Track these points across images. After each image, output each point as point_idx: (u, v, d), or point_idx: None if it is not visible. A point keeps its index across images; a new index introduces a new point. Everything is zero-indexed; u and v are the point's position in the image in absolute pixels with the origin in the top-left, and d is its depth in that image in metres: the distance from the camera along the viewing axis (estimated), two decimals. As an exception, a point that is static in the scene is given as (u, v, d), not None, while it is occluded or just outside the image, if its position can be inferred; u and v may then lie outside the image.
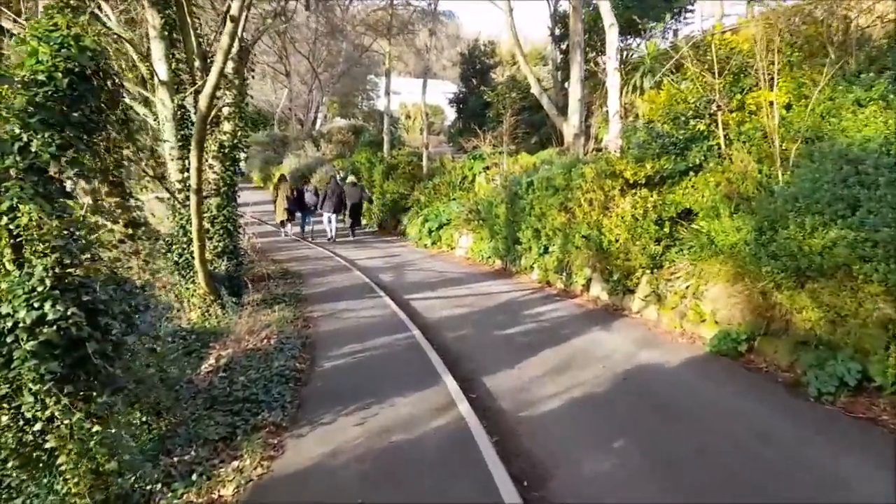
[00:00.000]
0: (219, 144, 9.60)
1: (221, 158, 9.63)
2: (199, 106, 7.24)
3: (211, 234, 9.59)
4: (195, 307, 9.73)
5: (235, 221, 9.92)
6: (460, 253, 17.42)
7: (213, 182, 9.60)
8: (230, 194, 9.78)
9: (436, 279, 14.02)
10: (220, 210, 9.60)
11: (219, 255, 9.63)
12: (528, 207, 14.05)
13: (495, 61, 30.54)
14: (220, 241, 9.59)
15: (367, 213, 22.68)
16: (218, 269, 9.62)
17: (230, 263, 9.73)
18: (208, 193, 9.63)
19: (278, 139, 35.14)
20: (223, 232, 9.63)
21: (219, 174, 9.62)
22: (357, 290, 12.28)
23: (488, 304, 11.44)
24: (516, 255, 14.62)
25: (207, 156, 9.68)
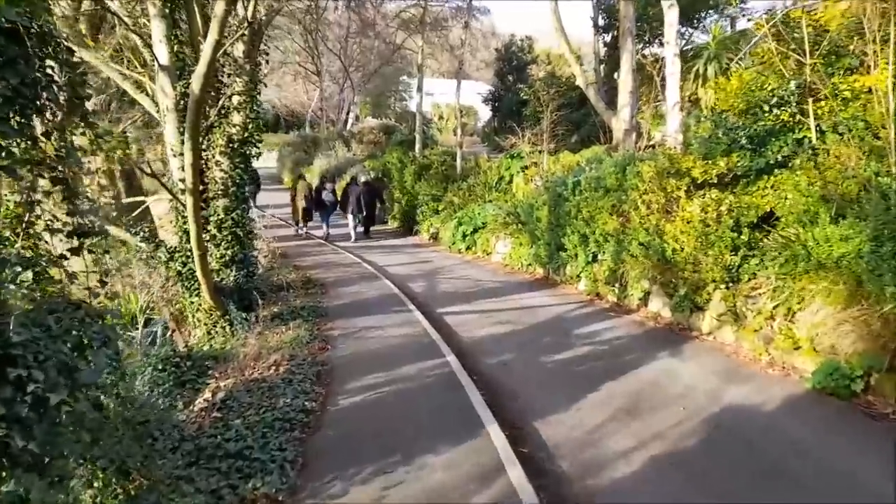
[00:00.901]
0: (227, 138, 8.29)
1: (230, 154, 8.32)
2: (192, 88, 5.90)
3: (218, 241, 8.28)
4: (200, 323, 8.43)
5: (246, 226, 8.60)
6: (497, 259, 15.90)
7: (220, 181, 8.29)
8: (240, 195, 8.46)
9: (471, 289, 12.53)
10: (229, 213, 8.29)
11: (226, 265, 8.32)
12: (573, 210, 12.49)
13: (532, 57, 28.95)
14: (227, 249, 8.28)
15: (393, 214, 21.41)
16: (225, 281, 8.31)
17: (239, 274, 8.40)
18: (215, 194, 8.32)
19: (309, 140, 34.06)
20: (231, 238, 8.31)
21: (227, 172, 8.31)
22: (385, 303, 10.86)
23: (532, 321, 9.91)
24: (560, 262, 13.06)
25: (213, 151, 8.37)
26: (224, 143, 8.30)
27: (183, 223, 8.34)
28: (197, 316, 8.35)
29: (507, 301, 11.43)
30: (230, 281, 8.30)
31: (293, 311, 9.68)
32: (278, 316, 9.33)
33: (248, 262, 8.64)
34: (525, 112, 23.89)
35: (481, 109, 45.36)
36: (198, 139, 6.23)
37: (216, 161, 8.29)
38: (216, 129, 8.31)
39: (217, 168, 8.28)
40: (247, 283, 8.51)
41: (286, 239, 18.32)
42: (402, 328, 9.08)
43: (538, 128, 17.95)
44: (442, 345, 8.22)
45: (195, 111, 6.05)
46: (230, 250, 8.29)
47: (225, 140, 8.30)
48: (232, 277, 8.31)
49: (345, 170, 26.65)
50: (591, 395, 6.57)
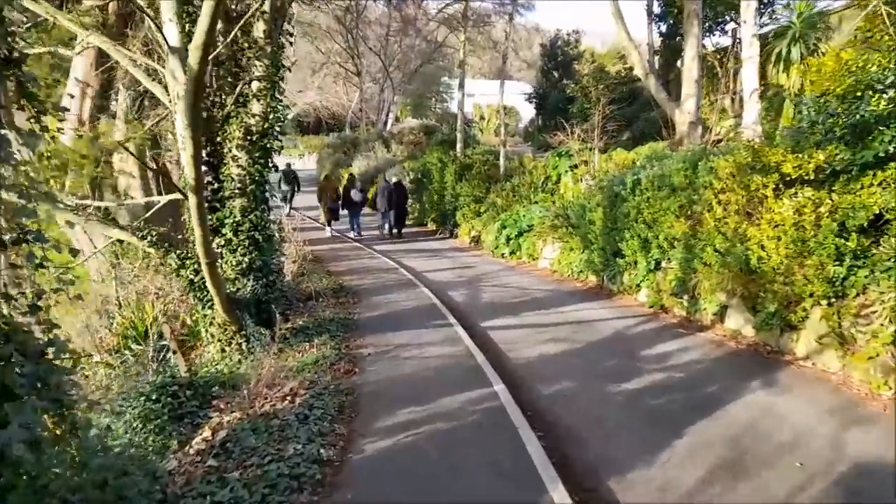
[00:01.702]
0: (244, 129, 7.20)
1: (248, 148, 7.23)
2: (190, 62, 4.78)
3: (233, 247, 7.19)
4: (213, 339, 7.35)
5: (267, 229, 7.48)
6: (544, 265, 14.53)
7: (238, 178, 7.20)
8: (259, 194, 7.35)
9: (517, 299, 11.21)
10: (246, 215, 7.20)
11: (243, 274, 7.22)
12: (633, 212, 11.08)
13: (579, 52, 27.39)
14: (244, 256, 7.18)
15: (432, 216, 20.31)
16: (242, 292, 7.20)
17: (258, 284, 7.29)
18: (231, 193, 7.23)
19: (349, 141, 33.21)
20: (249, 243, 7.21)
21: (245, 168, 7.22)
22: (422, 315, 9.63)
23: (590, 338, 8.55)
24: (616, 270, 11.64)
25: (230, 144, 7.28)
26: (241, 135, 7.20)
27: (194, 226, 7.28)
28: (210, 331, 7.28)
29: (559, 314, 10.09)
30: (247, 292, 7.20)
31: (320, 325, 8.54)
32: (303, 330, 8.19)
33: (269, 271, 7.53)
34: (571, 109, 22.43)
35: (523, 110, 43.91)
36: (199, 126, 5.11)
37: (233, 156, 7.20)
38: (233, 120, 7.23)
39: (233, 163, 7.19)
40: (266, 294, 7.40)
41: (320, 242, 17.30)
42: (441, 346, 7.83)
43: (588, 124, 16.50)
44: (488, 369, 6.93)
45: (194, 92, 4.93)
46: (247, 257, 7.19)
47: (242, 132, 7.20)
48: (249, 288, 7.21)
49: (384, 171, 25.62)
50: (677, 441, 5.19)
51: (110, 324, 9.00)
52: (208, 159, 7.20)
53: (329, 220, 19.44)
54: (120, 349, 8.38)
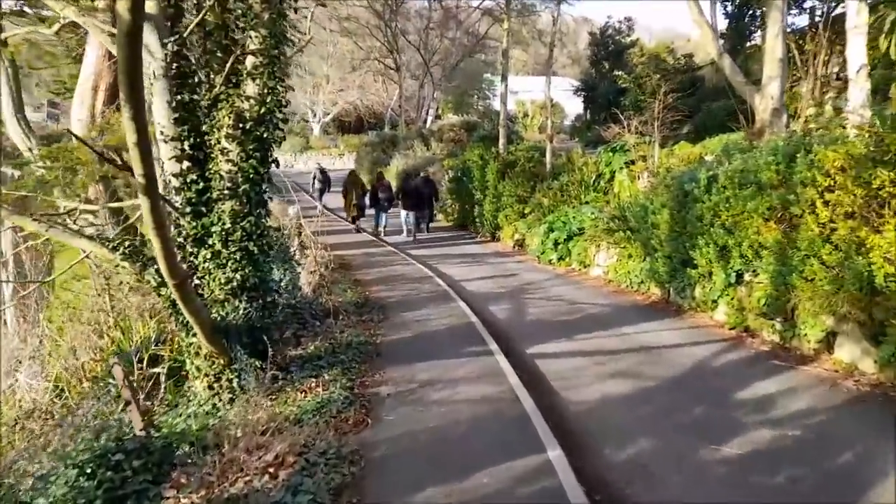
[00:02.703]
0: (236, 116, 5.76)
1: (240, 139, 5.78)
2: (118, 8, 3.31)
3: (222, 260, 5.75)
4: (200, 374, 5.93)
5: (265, 238, 6.01)
6: (597, 273, 12.77)
7: (227, 176, 5.77)
8: (255, 196, 5.89)
9: (569, 316, 9.53)
10: (238, 221, 5.74)
11: (234, 293, 5.78)
12: (708, 214, 9.32)
13: (632, 40, 25.31)
14: (235, 272, 5.73)
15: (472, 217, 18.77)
16: (232, 316, 5.76)
17: (252, 306, 5.82)
18: (219, 195, 5.78)
19: (388, 139, 31.88)
20: (242, 256, 5.75)
21: (236, 164, 5.78)
22: (457, 338, 8.04)
23: (663, 372, 6.83)
24: (686, 282, 9.85)
25: (218, 134, 5.83)
26: (232, 122, 5.76)
27: (177, 235, 5.86)
28: (196, 363, 5.85)
29: (621, 336, 8.38)
30: (238, 316, 5.75)
31: (335, 351, 7.04)
32: (312, 359, 6.70)
33: (267, 289, 6.04)
34: (623, 102, 20.52)
35: (567, 106, 41.86)
36: (140, 98, 3.64)
37: (221, 148, 5.77)
38: (222, 104, 5.79)
39: (222, 158, 5.76)
40: (263, 319, 5.92)
41: (350, 246, 15.89)
42: (478, 384, 6.21)
43: (647, 114, 14.62)
44: (538, 421, 5.29)
45: (129, 55, 3.46)
46: (239, 273, 5.74)
47: (233, 119, 5.76)
48: (241, 311, 5.76)
49: (423, 169, 24.15)
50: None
51: (98, 345, 7.73)
52: (191, 153, 5.78)
53: (355, 218, 18.88)
54: (104, 378, 7.06)
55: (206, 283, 5.86)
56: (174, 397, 6.42)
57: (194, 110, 5.83)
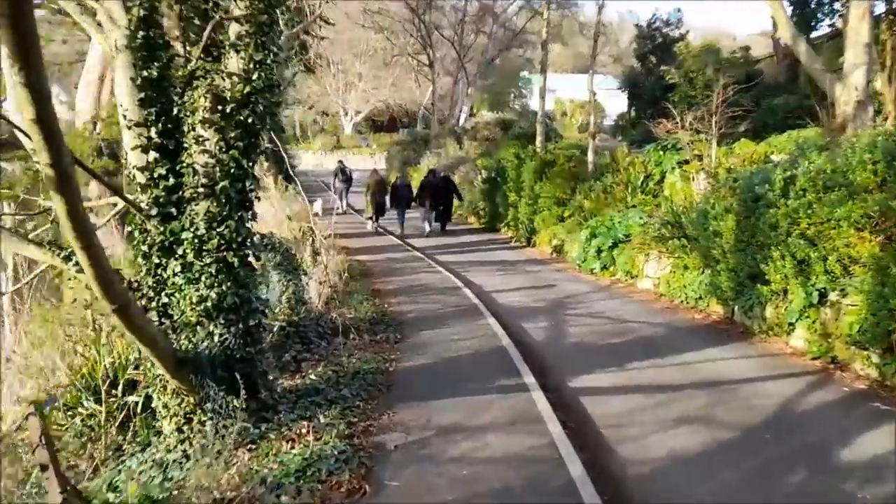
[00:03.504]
0: (214, 96, 4.67)
1: (220, 125, 4.67)
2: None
3: (194, 274, 4.64)
4: (168, 414, 4.84)
5: (248, 247, 4.86)
6: (646, 286, 11.40)
7: (203, 170, 4.67)
8: (236, 196, 4.74)
9: (617, 339, 8.22)
10: (215, 226, 4.62)
11: (207, 316, 4.65)
12: (784, 221, 7.97)
13: (681, 33, 23.66)
14: (210, 289, 4.60)
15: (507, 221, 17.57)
16: (208, 344, 4.63)
17: (231, 332, 4.68)
18: (192, 193, 4.69)
19: (419, 137, 30.80)
20: (218, 270, 4.62)
21: (213, 155, 4.67)
22: (485, 366, 6.81)
23: (743, 418, 5.51)
24: (756, 299, 8.49)
25: (192, 118, 4.74)
26: (210, 104, 4.67)
27: (142, 242, 4.78)
28: (163, 400, 4.77)
29: (680, 365, 7.06)
30: (213, 344, 4.64)
31: (338, 382, 5.89)
32: (309, 394, 5.55)
33: (251, 311, 4.90)
34: (672, 98, 19.00)
35: (608, 105, 40.16)
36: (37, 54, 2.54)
37: (196, 136, 4.67)
38: (198, 82, 4.70)
39: (197, 147, 4.66)
40: (245, 348, 4.77)
41: (372, 251, 14.78)
42: (512, 436, 4.97)
43: (702, 110, 13.15)
44: (588, 494, 4.03)
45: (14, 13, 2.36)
46: (215, 290, 4.63)
47: (210, 99, 4.67)
48: (217, 338, 4.65)
49: (454, 169, 23.00)
50: None
51: (74, 365, 6.74)
52: (159, 142, 4.70)
53: (375, 216, 18.60)
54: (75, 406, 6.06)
55: (176, 303, 4.77)
56: (146, 436, 5.35)
57: (164, 89, 4.75)
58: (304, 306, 7.43)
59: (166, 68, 4.73)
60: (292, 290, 7.29)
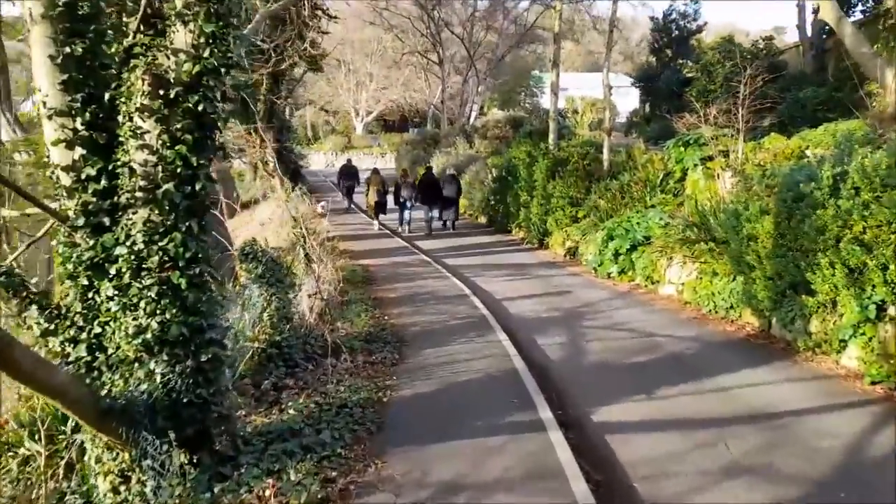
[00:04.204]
0: (154, 78, 3.66)
1: (163, 114, 3.65)
2: None
3: (131, 299, 3.65)
4: (101, 469, 3.84)
5: (202, 263, 3.85)
6: (669, 292, 10.30)
7: (141, 170, 3.67)
8: (184, 202, 3.71)
9: (642, 356, 7.16)
10: (156, 240, 3.61)
11: (148, 351, 3.66)
12: (832, 224, 6.88)
13: (698, 26, 22.39)
14: (150, 317, 3.61)
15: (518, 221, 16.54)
16: (149, 386, 3.63)
17: (177, 370, 3.68)
18: (130, 198, 3.69)
19: (429, 137, 29.73)
20: (161, 293, 3.60)
21: (155, 151, 3.65)
22: (496, 394, 5.76)
23: (806, 470, 4.45)
24: (798, 311, 7.41)
25: (128, 106, 3.74)
26: (150, 88, 3.68)
27: (70, 256, 3.80)
28: (95, 452, 3.80)
29: (719, 392, 6.01)
30: (154, 387, 3.65)
31: (319, 419, 4.88)
32: (283, 436, 4.52)
33: (205, 343, 3.86)
34: (689, 92, 17.80)
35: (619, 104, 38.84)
36: None
37: (134, 128, 3.69)
38: (136, 61, 3.70)
39: (135, 142, 3.67)
40: (196, 390, 3.76)
41: (378, 254, 13.76)
42: (528, 496, 3.93)
43: (729, 102, 11.99)
44: None
45: None
46: (156, 319, 3.63)
47: (151, 83, 3.67)
48: (158, 379, 3.65)
49: (464, 168, 21.94)
50: None
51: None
52: (88, 135, 3.72)
53: (376, 214, 18.25)
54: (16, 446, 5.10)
55: (110, 335, 3.77)
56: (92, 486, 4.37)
57: (93, 70, 3.76)
58: (290, 323, 6.42)
59: (96, 43, 3.73)
60: (275, 305, 6.29)
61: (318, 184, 28.72)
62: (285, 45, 11.07)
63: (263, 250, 6.56)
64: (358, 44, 38.96)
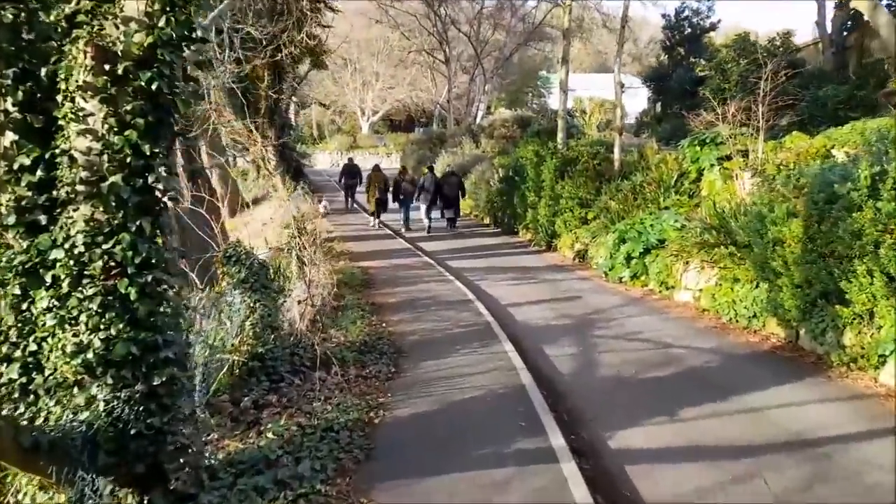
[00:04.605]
0: (99, 51, 3.09)
1: (110, 94, 3.08)
2: None
3: (70, 311, 3.06)
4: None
5: (157, 269, 3.25)
6: (685, 298, 9.66)
7: (84, 160, 3.09)
8: (134, 197, 3.11)
9: (660, 370, 6.53)
10: (100, 241, 3.00)
11: (89, 372, 3.02)
12: (871, 228, 6.25)
13: (712, 23, 21.68)
14: (92, 333, 3.00)
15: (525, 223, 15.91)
16: (89, 415, 3.05)
17: (124, 396, 3.05)
18: (70, 192, 3.11)
19: (435, 136, 29.13)
20: (105, 305, 2.99)
21: (100, 137, 3.08)
22: (502, 414, 5.14)
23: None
24: (830, 322, 6.77)
25: (68, 83, 3.15)
26: (94, 63, 3.09)
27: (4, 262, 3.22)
28: (29, 492, 3.21)
29: (749, 413, 5.38)
30: (96, 415, 3.06)
31: (300, 445, 4.28)
32: (257, 467, 3.92)
33: (160, 363, 3.26)
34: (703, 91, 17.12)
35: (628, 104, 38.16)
36: None
37: (74, 109, 3.11)
38: (78, 31, 3.12)
39: (75, 125, 3.09)
40: (149, 418, 3.16)
41: (379, 255, 13.15)
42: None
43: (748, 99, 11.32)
44: None
45: None
46: (99, 335, 3.04)
47: (96, 56, 3.09)
48: (101, 407, 3.06)
49: (470, 168, 21.34)
50: None
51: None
52: (21, 118, 3.14)
53: (377, 213, 17.95)
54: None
55: (45, 353, 3.18)
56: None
57: (30, 42, 3.15)
58: (275, 333, 5.82)
59: (31, 10, 3.13)
60: (260, 312, 5.69)
61: (322, 183, 28.18)
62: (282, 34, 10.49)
63: (248, 253, 5.96)
64: (364, 43, 38.38)
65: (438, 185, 16.94)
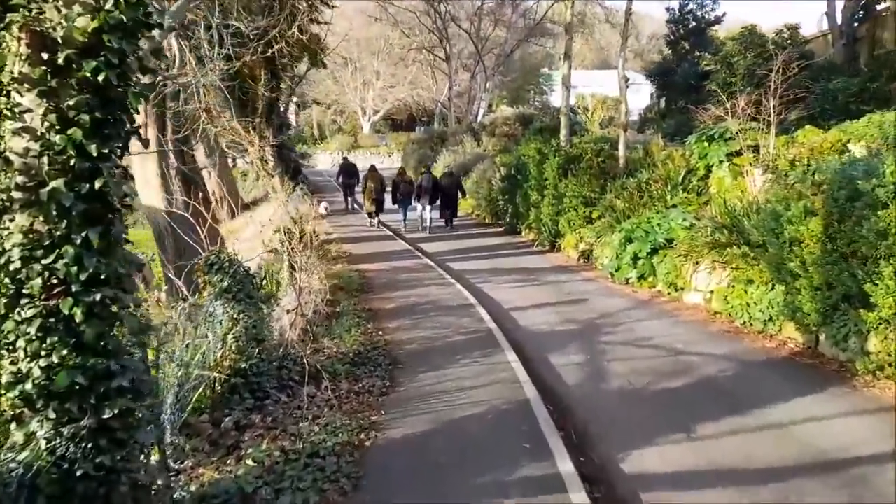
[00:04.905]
0: (36, 37, 2.67)
1: (50, 87, 2.68)
2: None
3: (7, 336, 2.67)
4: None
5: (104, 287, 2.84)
6: (696, 300, 9.22)
7: (21, 162, 2.69)
8: (82, 205, 2.72)
9: (673, 380, 6.11)
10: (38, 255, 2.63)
11: (29, 405, 2.65)
12: None
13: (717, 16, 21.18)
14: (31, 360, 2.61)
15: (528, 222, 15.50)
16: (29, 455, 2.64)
17: (69, 433, 2.65)
18: (6, 200, 2.70)
19: (436, 135, 28.71)
20: (47, 329, 2.62)
21: (39, 136, 2.68)
22: (504, 436, 4.72)
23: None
24: (853, 327, 6.36)
25: (1, 75, 2.74)
26: (28, 51, 2.68)
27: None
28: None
29: (770, 429, 4.96)
30: (37, 455, 2.66)
31: (280, 475, 3.85)
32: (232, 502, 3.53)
33: (112, 394, 2.84)
34: (708, 86, 16.69)
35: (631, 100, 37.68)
36: None
37: (8, 105, 2.71)
38: (12, 16, 2.72)
39: (10, 123, 2.70)
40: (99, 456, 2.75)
41: (378, 257, 12.74)
42: None
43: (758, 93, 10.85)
44: None
45: None
46: (38, 363, 2.65)
47: (32, 43, 2.68)
48: (43, 444, 2.65)
49: (471, 166, 20.92)
50: None
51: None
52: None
53: (375, 212, 17.91)
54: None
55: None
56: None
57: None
58: (261, 346, 5.41)
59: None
60: (243, 324, 5.28)
61: (322, 184, 27.78)
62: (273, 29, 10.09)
63: (232, 260, 5.54)
64: (364, 41, 37.97)
65: (437, 185, 16.78)
